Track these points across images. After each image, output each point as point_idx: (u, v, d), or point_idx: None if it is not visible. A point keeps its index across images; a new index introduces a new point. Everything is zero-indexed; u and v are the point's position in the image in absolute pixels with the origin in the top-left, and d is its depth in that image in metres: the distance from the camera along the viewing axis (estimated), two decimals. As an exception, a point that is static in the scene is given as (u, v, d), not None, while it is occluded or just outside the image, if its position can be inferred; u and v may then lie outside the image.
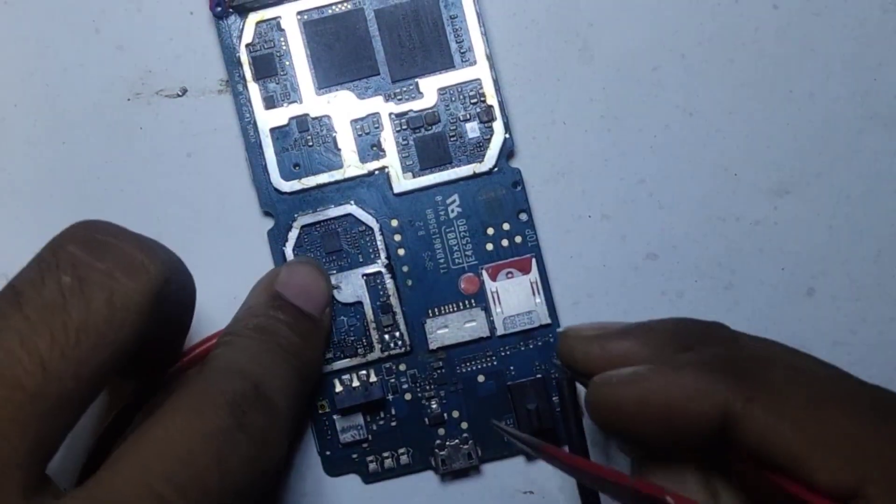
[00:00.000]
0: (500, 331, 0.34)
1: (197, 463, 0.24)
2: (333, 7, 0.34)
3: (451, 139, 0.34)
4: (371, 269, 0.34)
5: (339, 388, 0.34)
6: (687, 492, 0.25)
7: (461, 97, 0.34)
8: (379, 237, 0.34)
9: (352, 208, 0.34)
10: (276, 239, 0.34)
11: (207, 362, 0.28)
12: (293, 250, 0.34)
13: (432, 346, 0.34)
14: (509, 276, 0.34)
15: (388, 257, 0.34)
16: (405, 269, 0.34)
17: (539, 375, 0.33)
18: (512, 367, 0.34)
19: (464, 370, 0.34)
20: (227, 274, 0.33)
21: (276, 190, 0.34)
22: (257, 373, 0.27)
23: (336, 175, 0.34)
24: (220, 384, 0.26)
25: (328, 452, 0.34)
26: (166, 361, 0.31)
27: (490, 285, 0.34)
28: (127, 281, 0.25)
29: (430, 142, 0.34)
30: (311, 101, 0.34)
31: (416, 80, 0.34)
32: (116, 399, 0.33)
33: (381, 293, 0.34)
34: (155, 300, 0.25)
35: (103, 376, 0.24)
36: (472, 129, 0.34)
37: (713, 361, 0.25)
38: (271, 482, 0.33)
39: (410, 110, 0.34)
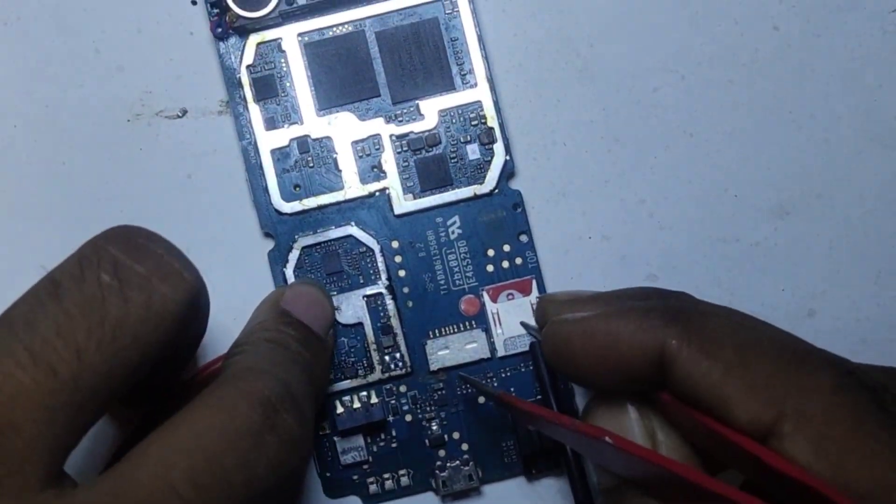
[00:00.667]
0: (500, 352, 0.34)
1: (222, 464, 0.23)
2: (334, 29, 0.34)
3: (452, 161, 0.34)
4: (372, 291, 0.34)
5: (339, 410, 0.34)
6: (627, 432, 0.26)
7: (462, 119, 0.34)
8: (380, 258, 0.34)
9: (352, 229, 0.34)
10: (277, 260, 0.34)
11: (228, 367, 0.27)
12: (294, 271, 0.34)
13: (433, 367, 0.34)
14: (510, 297, 0.34)
15: (388, 278, 0.34)
16: (406, 290, 0.34)
17: (539, 397, 0.33)
18: (513, 389, 0.34)
19: (464, 391, 0.34)
20: (228, 295, 0.33)
21: (277, 211, 0.34)
22: (283, 375, 0.27)
23: (337, 196, 0.34)
24: (250, 383, 0.26)
25: (328, 474, 0.34)
26: (168, 384, 0.31)
27: (491, 307, 0.34)
28: (165, 287, 0.25)
29: (430, 163, 0.34)
30: (312, 123, 0.34)
31: (417, 101, 0.34)
32: (123, 426, 0.33)
33: (382, 314, 0.34)
34: (188, 309, 0.25)
35: (132, 377, 0.24)
36: (473, 151, 0.34)
37: (658, 307, 0.26)
38: (297, 487, 0.33)
39: (411, 132, 0.34)
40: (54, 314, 0.23)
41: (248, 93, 0.34)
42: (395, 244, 0.34)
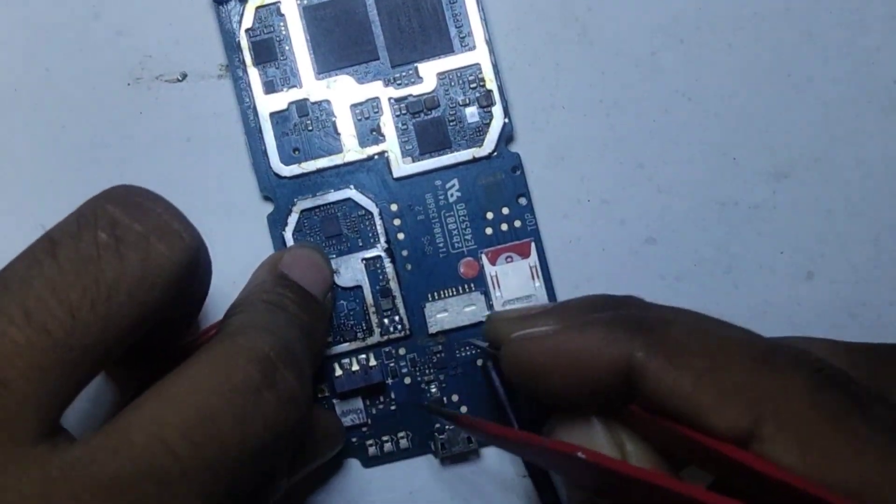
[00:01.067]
0: (499, 315, 0.34)
1: (218, 420, 0.23)
2: (333, -9, 0.34)
3: (451, 124, 0.34)
4: (371, 254, 0.34)
5: (338, 372, 0.34)
6: (596, 445, 0.26)
7: (460, 82, 0.34)
8: (378, 221, 0.34)
9: (351, 193, 0.34)
10: (276, 223, 0.34)
11: (226, 326, 0.27)
12: (293, 235, 0.34)
13: (432, 330, 0.34)
14: (509, 260, 0.34)
15: (387, 241, 0.34)
16: (405, 253, 0.34)
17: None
18: (511, 352, 0.34)
19: (463, 354, 0.34)
20: (227, 258, 0.33)
21: (276, 174, 0.34)
22: (282, 334, 0.27)
23: (336, 159, 0.34)
24: (249, 339, 0.26)
25: (328, 436, 0.34)
26: (170, 347, 0.31)
27: (489, 269, 0.34)
28: (162, 246, 0.25)
29: (429, 126, 0.34)
30: (311, 86, 0.34)
31: (416, 64, 0.34)
32: (124, 390, 0.33)
33: (381, 277, 0.34)
34: (185, 269, 0.25)
35: (128, 337, 0.24)
36: (472, 114, 0.34)
37: (620, 318, 0.26)
38: (295, 444, 0.33)
39: (410, 95, 0.34)
40: (49, 272, 0.24)
41: (248, 56, 0.34)
42: (393, 207, 0.34)
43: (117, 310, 0.24)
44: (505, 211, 0.34)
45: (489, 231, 0.34)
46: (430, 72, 0.34)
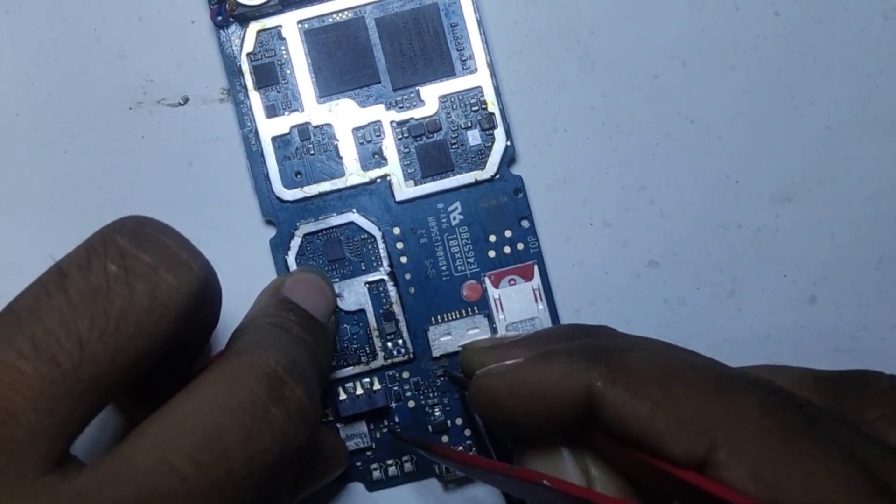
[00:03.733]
0: (502, 338, 0.34)
1: (223, 439, 0.23)
2: (334, 16, 0.34)
3: (453, 147, 0.34)
4: (374, 277, 0.34)
5: (342, 397, 0.34)
6: (562, 472, 0.27)
7: (462, 105, 0.34)
8: (381, 245, 0.34)
9: (354, 216, 0.34)
10: (279, 248, 0.34)
11: (234, 345, 0.27)
12: (295, 259, 0.34)
13: (435, 353, 0.34)
14: (512, 283, 0.34)
15: (390, 265, 0.34)
16: (408, 276, 0.34)
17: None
18: (514, 375, 0.34)
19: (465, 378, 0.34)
20: (229, 283, 0.32)
21: (278, 198, 0.34)
22: (288, 350, 0.27)
23: (338, 183, 0.34)
24: (254, 355, 0.25)
25: (331, 460, 0.34)
26: (179, 377, 0.31)
27: (492, 292, 0.34)
28: (171, 277, 0.25)
29: (431, 149, 0.34)
30: (313, 110, 0.34)
31: (418, 88, 0.34)
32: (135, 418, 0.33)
33: (384, 301, 0.34)
34: (194, 299, 0.25)
35: (137, 368, 0.24)
36: (474, 137, 0.34)
37: (579, 349, 0.26)
38: (304, 460, 0.33)
39: (412, 118, 0.34)
40: (58, 304, 0.24)
41: (249, 80, 0.34)
42: (396, 230, 0.34)
43: (126, 341, 0.24)
44: (508, 234, 0.34)
45: (492, 254, 0.34)
46: (431, 95, 0.34)
